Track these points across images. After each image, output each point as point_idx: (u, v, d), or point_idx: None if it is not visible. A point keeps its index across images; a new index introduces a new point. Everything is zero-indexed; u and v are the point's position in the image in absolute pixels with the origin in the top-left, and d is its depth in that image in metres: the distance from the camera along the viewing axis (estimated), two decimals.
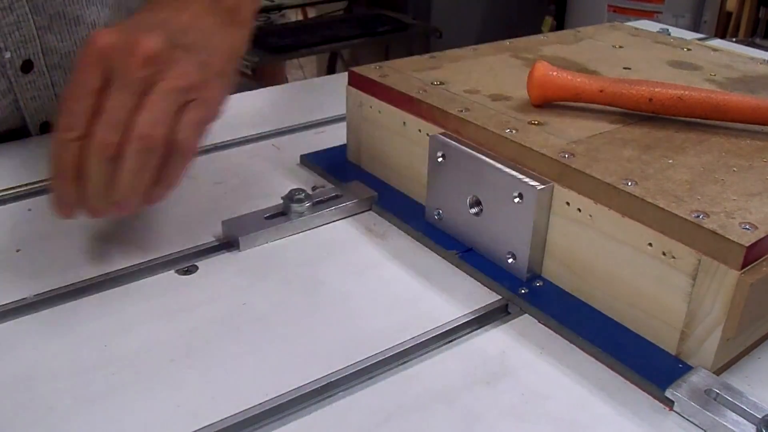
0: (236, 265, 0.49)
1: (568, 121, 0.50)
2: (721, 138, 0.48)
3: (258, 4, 0.56)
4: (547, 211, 0.45)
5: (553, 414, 0.37)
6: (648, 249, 0.40)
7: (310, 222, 0.53)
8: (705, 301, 0.38)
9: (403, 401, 0.38)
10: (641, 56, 0.66)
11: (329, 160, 0.62)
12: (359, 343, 0.42)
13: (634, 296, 0.41)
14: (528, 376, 0.40)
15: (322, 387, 0.38)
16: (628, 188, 0.40)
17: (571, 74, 0.51)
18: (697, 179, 0.42)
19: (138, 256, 0.49)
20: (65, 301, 0.44)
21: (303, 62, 3.02)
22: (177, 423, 0.36)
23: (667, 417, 0.37)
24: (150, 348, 0.41)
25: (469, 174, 0.48)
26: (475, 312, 0.44)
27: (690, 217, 0.38)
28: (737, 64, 0.64)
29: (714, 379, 0.38)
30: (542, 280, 0.47)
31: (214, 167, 0.62)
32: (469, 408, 0.37)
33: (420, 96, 0.53)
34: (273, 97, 0.82)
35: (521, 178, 0.44)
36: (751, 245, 0.36)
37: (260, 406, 0.37)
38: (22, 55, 0.63)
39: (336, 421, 0.37)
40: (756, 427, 0.35)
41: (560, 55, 0.65)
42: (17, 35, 0.62)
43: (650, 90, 0.49)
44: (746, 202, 0.40)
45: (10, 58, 0.63)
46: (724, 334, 0.37)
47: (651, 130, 0.49)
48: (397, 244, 0.52)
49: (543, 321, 0.44)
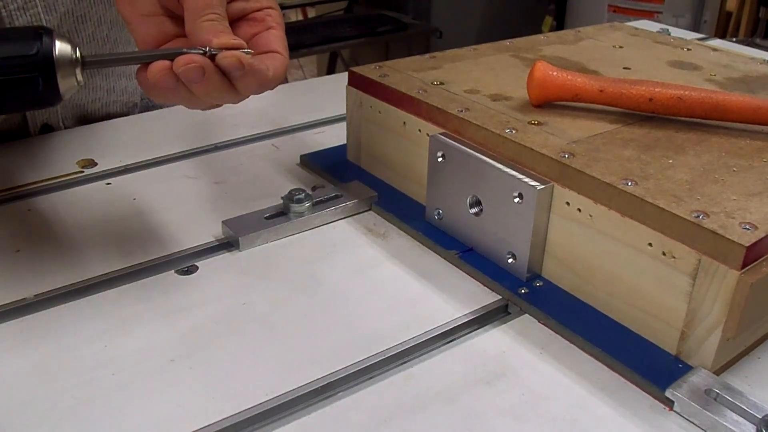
0: (236, 265, 0.49)
1: (568, 121, 0.50)
2: (721, 138, 0.48)
3: None
4: (547, 211, 0.45)
5: (553, 414, 0.37)
6: (648, 249, 0.40)
7: (310, 222, 0.53)
8: (705, 301, 0.38)
9: (403, 401, 0.38)
10: (641, 56, 0.66)
11: (329, 160, 0.62)
12: (359, 343, 0.42)
13: (634, 296, 0.41)
14: (528, 376, 0.40)
15: (322, 387, 0.38)
16: (628, 188, 0.40)
17: (571, 74, 0.51)
18: (697, 179, 0.42)
19: (138, 256, 0.49)
20: (65, 301, 0.44)
21: (303, 62, 3.02)
22: (177, 423, 0.36)
23: (667, 417, 0.37)
24: (150, 348, 0.41)
25: (469, 174, 0.48)
26: (475, 312, 0.44)
27: (690, 217, 0.38)
28: (737, 64, 0.64)
29: (714, 379, 0.38)
30: (542, 280, 0.47)
31: (214, 167, 0.62)
32: (469, 408, 0.37)
33: (420, 96, 0.53)
34: (273, 97, 0.82)
35: (521, 178, 0.44)
36: (751, 245, 0.36)
37: (260, 406, 0.37)
38: None
39: (336, 421, 0.37)
40: (756, 427, 0.35)
41: (560, 55, 0.65)
42: None
43: (650, 90, 0.49)
44: (746, 202, 0.40)
45: None
46: (724, 334, 0.37)
47: (651, 130, 0.49)
48: (397, 244, 0.52)
49: (543, 321, 0.44)
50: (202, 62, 0.40)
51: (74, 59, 0.39)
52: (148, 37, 0.44)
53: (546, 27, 2.98)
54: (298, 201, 0.53)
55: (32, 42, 0.38)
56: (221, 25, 0.42)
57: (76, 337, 0.41)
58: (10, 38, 0.38)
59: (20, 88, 0.38)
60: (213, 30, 0.42)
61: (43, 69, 0.38)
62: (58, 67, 0.39)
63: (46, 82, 0.39)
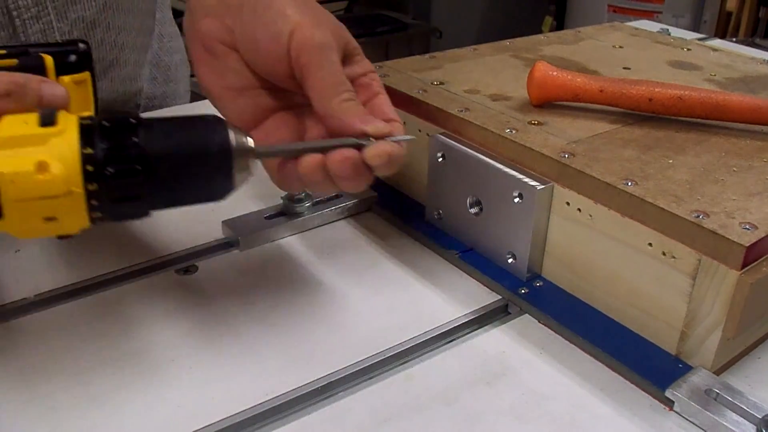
0: (236, 265, 0.49)
1: (568, 121, 0.50)
2: (721, 138, 0.48)
3: None
4: (547, 211, 0.45)
5: (553, 414, 0.37)
6: (648, 249, 0.40)
7: (310, 222, 0.53)
8: (705, 301, 0.38)
9: (403, 401, 0.38)
10: (641, 56, 0.66)
11: None
12: (359, 343, 0.42)
13: (634, 296, 0.41)
14: (528, 376, 0.40)
15: (322, 387, 0.38)
16: (628, 188, 0.40)
17: (571, 74, 0.51)
18: (697, 179, 0.42)
19: (138, 256, 0.49)
20: (65, 301, 0.44)
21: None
22: (177, 423, 0.36)
23: (667, 417, 0.37)
24: (150, 348, 0.41)
25: (469, 174, 0.48)
26: (475, 312, 0.44)
27: (690, 217, 0.38)
28: (737, 64, 0.64)
29: (714, 379, 0.38)
30: (542, 280, 0.47)
31: None
32: (469, 408, 0.37)
33: (420, 96, 0.53)
34: None
35: (521, 178, 0.44)
36: (751, 245, 0.36)
37: (260, 406, 0.37)
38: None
39: (336, 421, 0.37)
40: (756, 427, 0.35)
41: (560, 55, 0.65)
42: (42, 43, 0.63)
43: (650, 90, 0.49)
44: (746, 202, 0.40)
45: None
46: (724, 334, 0.37)
47: (651, 130, 0.49)
48: (397, 244, 0.52)
49: (543, 321, 0.44)
50: (356, 159, 0.38)
51: (248, 150, 0.37)
52: (244, 114, 0.42)
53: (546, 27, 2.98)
54: (298, 201, 0.53)
55: (210, 133, 0.36)
56: (359, 107, 0.40)
57: (76, 337, 0.41)
58: (185, 129, 0.36)
59: (199, 181, 0.37)
60: (355, 113, 0.39)
61: (222, 162, 0.36)
62: (234, 159, 0.37)
63: (225, 175, 0.37)
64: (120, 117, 0.35)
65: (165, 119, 0.36)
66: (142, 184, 0.35)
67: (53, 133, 0.33)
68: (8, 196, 0.32)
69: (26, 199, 0.33)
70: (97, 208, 0.35)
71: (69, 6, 0.64)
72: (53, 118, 0.34)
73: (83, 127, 0.34)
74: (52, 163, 0.33)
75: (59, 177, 0.33)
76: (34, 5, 0.61)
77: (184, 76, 0.86)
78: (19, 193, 0.32)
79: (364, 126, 0.39)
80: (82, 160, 0.33)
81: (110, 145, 0.34)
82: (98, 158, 0.33)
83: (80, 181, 0.33)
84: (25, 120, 0.34)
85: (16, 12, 0.60)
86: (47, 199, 0.33)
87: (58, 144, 0.33)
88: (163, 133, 0.35)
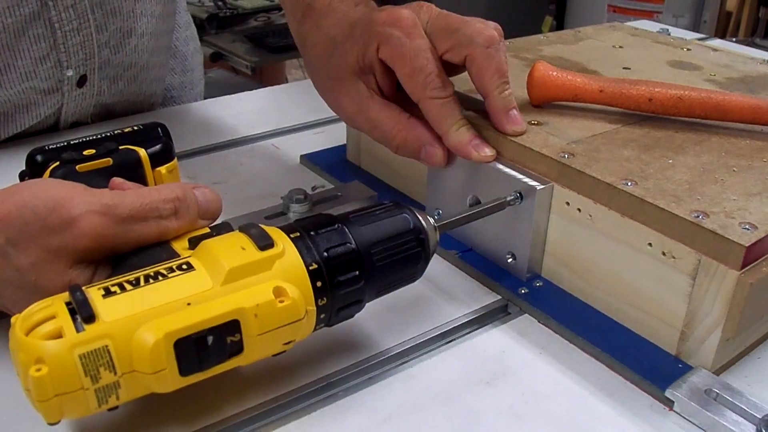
0: None
1: (568, 121, 0.50)
2: (721, 138, 0.48)
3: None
4: (547, 211, 0.45)
5: (553, 414, 0.37)
6: (648, 249, 0.40)
7: None
8: (705, 301, 0.38)
9: (403, 401, 0.38)
10: (641, 56, 0.66)
11: (329, 160, 0.62)
12: (359, 343, 0.42)
13: (634, 296, 0.41)
14: (528, 376, 0.40)
15: (322, 387, 0.38)
16: (628, 188, 0.40)
17: (571, 74, 0.51)
18: (696, 179, 0.42)
19: None
20: None
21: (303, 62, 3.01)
22: (177, 423, 0.36)
23: (667, 417, 0.37)
24: None
25: (469, 174, 0.48)
26: (475, 312, 0.44)
27: (690, 217, 0.38)
28: (737, 64, 0.64)
29: (714, 379, 0.38)
30: (542, 280, 0.47)
31: (214, 167, 0.62)
32: (469, 408, 0.37)
33: None
34: (273, 97, 0.82)
35: (521, 178, 0.44)
36: (751, 245, 0.36)
37: (260, 406, 0.37)
38: (81, 71, 0.66)
39: (336, 421, 0.37)
40: (756, 427, 0.35)
41: (560, 55, 0.65)
42: (81, 54, 0.65)
43: (650, 90, 0.49)
44: (746, 202, 0.40)
45: (70, 76, 0.65)
46: (724, 334, 0.37)
47: (651, 130, 0.49)
48: None
49: (543, 321, 0.44)
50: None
51: (435, 228, 0.39)
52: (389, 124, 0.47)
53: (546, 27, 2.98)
54: (298, 201, 0.52)
55: (404, 222, 0.38)
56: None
57: None
58: (381, 217, 0.37)
59: (405, 268, 0.38)
60: (513, 121, 0.47)
61: (422, 241, 0.38)
62: (428, 236, 0.38)
63: (425, 256, 0.38)
64: (321, 222, 0.35)
65: (357, 215, 0.37)
66: (364, 287, 0.35)
67: (276, 255, 0.32)
68: (250, 331, 0.31)
69: (269, 330, 0.31)
70: (322, 320, 0.34)
71: (109, 18, 0.66)
72: (270, 239, 0.33)
73: (295, 240, 0.33)
74: (287, 287, 0.32)
75: (298, 300, 0.32)
76: (76, 18, 0.62)
77: (198, 64, 0.87)
78: (263, 326, 0.31)
79: (517, 127, 0.47)
80: (311, 277, 0.33)
81: (330, 256, 0.34)
82: (324, 273, 0.33)
83: (312, 298, 0.33)
84: (242, 245, 0.32)
85: (58, 24, 0.61)
86: (288, 325, 0.32)
87: (284, 266, 0.32)
88: (367, 231, 0.36)
